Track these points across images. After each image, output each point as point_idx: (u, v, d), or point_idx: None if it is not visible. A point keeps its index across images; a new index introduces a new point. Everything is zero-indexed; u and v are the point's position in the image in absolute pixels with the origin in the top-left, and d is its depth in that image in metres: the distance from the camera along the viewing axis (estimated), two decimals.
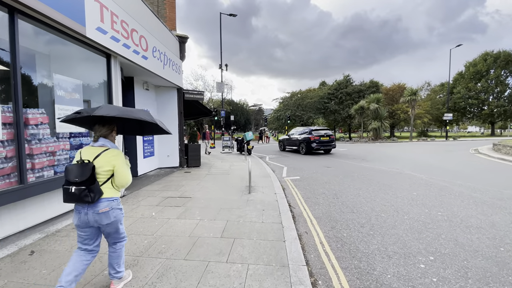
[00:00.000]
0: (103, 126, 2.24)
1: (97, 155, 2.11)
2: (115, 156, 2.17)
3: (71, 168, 2.03)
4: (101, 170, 2.11)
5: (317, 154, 15.00)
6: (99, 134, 2.24)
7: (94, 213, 2.08)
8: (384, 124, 25.19)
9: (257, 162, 11.65)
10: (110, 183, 2.17)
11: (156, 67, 7.40)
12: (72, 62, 4.76)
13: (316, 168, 10.02)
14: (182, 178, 7.98)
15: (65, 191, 2.00)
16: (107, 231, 2.22)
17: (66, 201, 2.02)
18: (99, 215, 2.09)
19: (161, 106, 9.48)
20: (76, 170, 2.01)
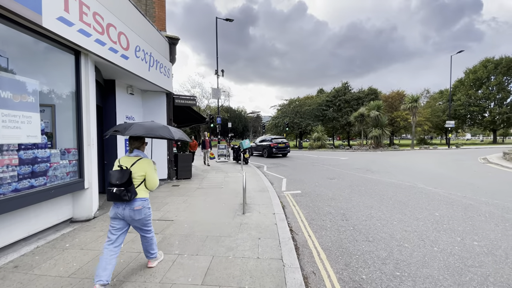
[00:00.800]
0: (135, 141, 2.82)
1: (133, 163, 2.67)
2: (147, 164, 2.75)
3: (113, 173, 2.56)
4: (136, 175, 2.65)
5: (318, 164, 14.16)
6: (133, 147, 2.82)
7: (130, 210, 2.61)
8: (385, 132, 24.49)
9: (254, 173, 10.77)
10: (143, 186, 2.74)
11: (140, 69, 6.59)
12: (26, 57, 3.92)
13: (319, 180, 9.15)
14: (168, 193, 7.06)
15: (108, 192, 2.52)
16: (137, 225, 2.74)
17: (109, 200, 2.54)
18: (133, 211, 2.63)
19: (148, 112, 8.63)
20: (117, 174, 2.54)
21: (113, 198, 2.51)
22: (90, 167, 4.95)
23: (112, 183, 2.53)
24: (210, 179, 9.38)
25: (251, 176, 9.88)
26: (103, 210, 5.42)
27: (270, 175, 10.61)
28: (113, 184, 2.51)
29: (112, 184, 2.52)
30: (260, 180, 9.12)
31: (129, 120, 7.74)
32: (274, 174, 10.89)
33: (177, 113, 10.90)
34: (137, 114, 8.24)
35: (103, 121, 6.83)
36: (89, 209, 4.94)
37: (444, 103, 45.29)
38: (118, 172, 2.55)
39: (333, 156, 19.39)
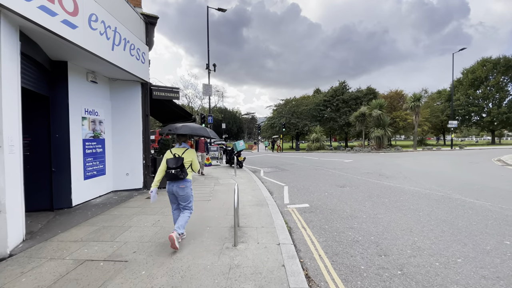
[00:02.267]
0: (183, 137, 3.81)
1: (183, 152, 3.63)
2: (192, 153, 3.72)
3: (170, 160, 3.52)
4: (185, 161, 3.59)
5: (321, 168, 12.65)
6: (181, 141, 3.79)
7: (177, 187, 3.58)
8: (387, 132, 23.20)
9: (250, 179, 9.17)
10: (190, 168, 3.69)
11: (97, 45, 4.95)
12: None
13: (327, 188, 7.61)
14: (138, 209, 5.41)
15: (167, 174, 3.51)
16: (181, 200, 3.70)
17: (169, 179, 3.54)
18: (179, 188, 3.58)
19: (118, 106, 6.96)
20: (173, 161, 3.52)
21: (172, 177, 3.50)
22: (3, 181, 3.28)
23: (169, 167, 3.50)
24: (195, 188, 7.74)
25: (246, 184, 8.28)
26: (32, 241, 3.74)
27: (268, 182, 9.02)
28: (171, 167, 3.48)
29: (170, 167, 3.49)
30: (257, 188, 7.52)
31: (90, 115, 6.07)
32: (273, 180, 9.31)
33: (157, 108, 9.24)
34: (103, 108, 6.57)
35: (50, 115, 5.16)
36: (1, 244, 3.27)
37: (443, 103, 44.50)
38: (173, 159, 3.53)
39: (335, 158, 17.92)
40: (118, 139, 6.96)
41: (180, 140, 3.77)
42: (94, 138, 6.23)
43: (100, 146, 6.43)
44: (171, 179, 3.50)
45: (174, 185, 3.55)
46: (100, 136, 6.44)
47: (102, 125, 6.53)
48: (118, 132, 6.97)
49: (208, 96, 16.28)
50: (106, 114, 6.69)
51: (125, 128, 7.04)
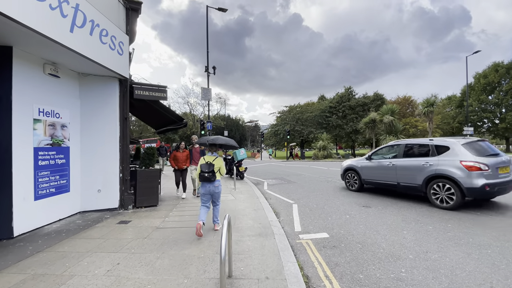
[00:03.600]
0: (214, 146, 4.61)
1: (214, 159, 4.39)
2: (220, 160, 4.48)
3: (203, 165, 4.28)
4: (215, 167, 4.31)
5: (333, 180, 11.18)
6: (213, 150, 4.59)
7: (213, 186, 4.32)
8: (400, 139, 21.59)
9: (252, 194, 7.75)
10: (219, 173, 4.39)
11: (44, 22, 3.70)
12: None
13: (347, 207, 6.15)
14: (98, 242, 4.02)
15: (201, 176, 4.25)
16: (214, 197, 4.44)
17: (202, 181, 4.29)
18: (214, 187, 4.33)
19: (90, 107, 5.69)
20: (206, 166, 4.26)
21: (205, 180, 4.25)
22: None
23: (203, 171, 4.24)
24: (184, 207, 6.35)
25: (246, 201, 6.86)
26: None
27: (273, 198, 7.59)
28: (204, 171, 4.23)
29: (203, 171, 4.23)
30: (260, 207, 6.10)
31: (47, 117, 4.79)
32: (279, 196, 7.86)
33: (145, 110, 7.97)
34: (68, 109, 5.29)
35: None
36: None
37: (453, 109, 42.86)
38: (206, 165, 4.28)
39: None
40: (88, 147, 5.65)
41: (212, 149, 4.63)
42: (53, 146, 4.92)
43: (61, 156, 5.11)
44: (204, 180, 4.28)
45: (210, 185, 4.33)
46: (62, 144, 5.13)
47: (66, 129, 5.23)
48: (88, 139, 5.67)
49: (207, 100, 15.05)
50: (72, 116, 5.40)
51: (98, 134, 5.74)
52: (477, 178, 5.39)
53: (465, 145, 5.88)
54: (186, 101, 44.57)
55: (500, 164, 5.68)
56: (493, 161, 5.60)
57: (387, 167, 7.12)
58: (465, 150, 5.77)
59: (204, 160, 4.42)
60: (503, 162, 5.77)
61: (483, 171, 5.40)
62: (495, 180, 5.41)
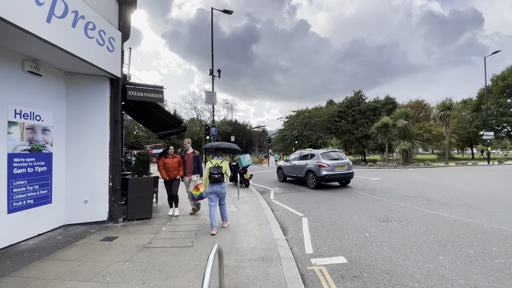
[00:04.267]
0: (220, 150, 5.57)
1: (221, 162, 4.84)
2: (226, 163, 4.96)
3: (212, 168, 4.72)
4: (223, 169, 4.77)
5: (346, 188, 10.35)
6: (219, 154, 5.30)
7: (220, 187, 4.76)
8: (415, 144, 20.49)
9: (256, 205, 7.04)
10: (225, 174, 4.83)
11: (13, 8, 3.18)
12: None
13: (364, 222, 5.36)
14: (73, 265, 3.39)
15: (211, 178, 4.67)
16: (221, 197, 4.88)
17: (212, 182, 4.69)
18: (222, 187, 4.78)
19: (77, 109, 5.17)
20: (215, 169, 4.72)
21: (215, 180, 4.67)
22: None
23: (212, 173, 4.67)
24: (180, 220, 5.70)
25: (250, 213, 6.15)
26: None
27: (280, 209, 6.85)
28: (214, 173, 4.67)
29: (213, 173, 4.67)
30: (265, 222, 5.38)
31: (26, 119, 4.28)
32: (287, 207, 7.12)
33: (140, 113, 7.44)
34: (52, 111, 4.77)
35: None
36: None
37: (469, 113, 41.01)
38: (215, 167, 4.73)
39: (358, 175, 15.44)
40: (74, 153, 5.11)
41: (218, 153, 5.35)
42: (32, 153, 4.38)
43: (42, 164, 4.57)
44: (214, 182, 4.69)
45: (218, 186, 4.74)
46: (43, 149, 4.59)
47: (48, 134, 4.71)
48: (75, 144, 5.13)
49: (211, 104, 14.54)
50: (57, 119, 4.89)
51: (86, 139, 5.20)
52: (322, 171, 9.73)
53: (322, 154, 10.34)
54: (193, 107, 44.56)
55: (337, 164, 10.02)
56: (332, 162, 9.98)
57: (292, 166, 11.83)
58: (321, 157, 10.14)
59: (212, 163, 4.85)
60: (340, 163, 10.10)
61: (325, 167, 9.76)
62: (332, 172, 9.74)
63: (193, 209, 6.25)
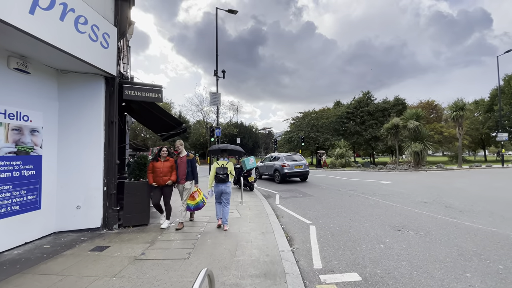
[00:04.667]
0: (225, 152, 5.78)
1: (226, 163, 5.11)
2: (231, 164, 5.21)
3: (218, 168, 4.98)
4: (228, 170, 5.02)
5: (356, 193, 9.84)
6: (225, 155, 5.57)
7: (225, 186, 5.02)
8: (427, 146, 19.69)
9: (261, 210, 6.63)
10: (230, 174, 5.05)
11: None
12: None
13: (378, 231, 4.88)
14: (57, 279, 3.06)
15: (217, 178, 4.95)
16: (224, 196, 5.08)
17: (217, 182, 4.98)
18: (225, 187, 5.02)
19: (69, 109, 4.89)
20: (221, 169, 4.97)
21: (220, 181, 4.95)
22: None
23: (218, 173, 4.94)
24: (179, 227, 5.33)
25: (254, 220, 5.75)
26: None
27: (286, 216, 6.43)
28: (219, 173, 4.94)
29: (219, 173, 4.94)
30: (269, 230, 4.97)
31: (11, 119, 4.01)
32: (293, 213, 6.68)
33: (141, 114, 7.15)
34: (42, 111, 4.51)
35: None
36: None
37: (481, 114, 39.67)
38: (220, 168, 4.98)
39: (368, 178, 14.85)
40: (66, 155, 4.82)
41: (224, 154, 5.65)
42: (18, 155, 4.10)
43: (30, 167, 4.29)
44: (219, 181, 5.00)
45: (223, 185, 5.04)
46: (31, 152, 4.31)
47: (38, 135, 4.43)
48: (67, 146, 4.84)
49: (216, 105, 14.25)
50: (47, 119, 4.62)
51: (79, 140, 4.91)
52: (284, 169, 12.51)
53: (285, 156, 13.38)
54: (199, 109, 44.58)
55: (296, 164, 12.90)
56: (292, 163, 12.85)
57: (265, 166, 14.72)
58: (284, 159, 13.10)
59: (218, 164, 5.12)
60: (298, 164, 12.98)
61: (286, 167, 12.57)
62: (292, 171, 12.52)
63: (181, 223, 5.16)
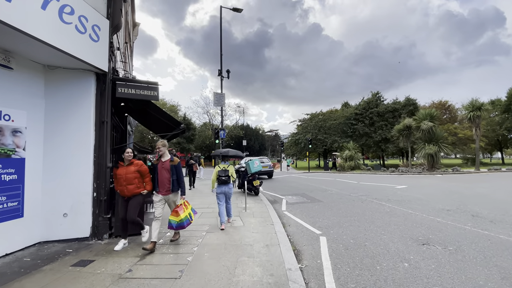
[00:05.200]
0: (227, 157, 6.16)
1: (227, 166, 5.51)
2: (232, 167, 5.61)
3: (221, 171, 5.38)
4: (230, 172, 5.43)
5: (369, 199, 9.19)
6: (226, 160, 5.99)
7: (227, 188, 5.46)
8: (442, 148, 18.72)
9: (265, 218, 6.10)
10: (232, 177, 5.50)
11: None
12: None
13: (399, 245, 4.28)
14: None
15: (219, 180, 5.35)
16: (228, 196, 5.58)
17: (220, 184, 5.39)
18: (228, 188, 5.47)
19: (57, 108, 4.51)
20: (223, 172, 5.37)
21: (223, 182, 5.38)
22: None
23: (220, 175, 5.35)
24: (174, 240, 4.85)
25: (258, 229, 5.23)
26: None
27: (293, 224, 5.88)
28: (222, 176, 5.35)
29: (221, 176, 5.35)
30: (274, 242, 4.43)
31: None
32: (301, 221, 6.12)
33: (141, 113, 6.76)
34: (26, 110, 4.13)
35: None
36: None
37: (498, 114, 38.00)
38: (223, 171, 5.40)
39: (380, 182, 14.10)
40: (53, 158, 4.43)
41: (226, 159, 6.07)
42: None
43: (11, 171, 3.90)
44: (222, 183, 5.41)
45: (226, 187, 5.47)
46: (12, 154, 3.93)
47: (20, 136, 4.05)
48: (53, 148, 4.45)
49: (220, 106, 13.83)
50: (32, 119, 4.24)
51: (67, 142, 4.52)
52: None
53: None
54: (205, 111, 44.48)
55: (263, 165, 16.12)
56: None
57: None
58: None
59: (220, 167, 5.52)
60: (265, 165, 16.82)
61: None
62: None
63: (176, 233, 4.56)
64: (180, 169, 4.44)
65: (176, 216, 4.17)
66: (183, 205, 4.32)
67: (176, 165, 4.38)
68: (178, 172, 4.38)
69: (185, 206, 4.36)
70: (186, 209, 4.34)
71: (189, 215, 4.35)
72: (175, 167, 4.35)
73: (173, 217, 4.19)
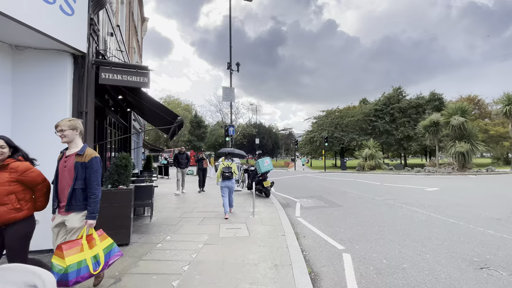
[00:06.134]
0: (229, 155, 7.63)
1: (230, 163, 6.25)
2: (235, 165, 6.43)
3: (224, 168, 6.10)
4: (232, 169, 6.16)
5: (398, 203, 8.02)
6: (229, 157, 7.14)
7: (230, 183, 6.15)
8: (476, 146, 16.88)
9: (275, 227, 5.18)
10: (234, 173, 6.20)
11: None
12: None
13: (452, 272, 3.22)
14: None
15: (223, 175, 6.06)
16: (231, 190, 6.22)
17: (224, 179, 6.07)
18: (231, 183, 6.18)
19: (27, 97, 3.84)
20: (226, 169, 6.09)
21: (226, 178, 6.03)
22: None
23: (224, 172, 6.01)
24: (166, 249, 4.06)
25: (265, 239, 4.33)
26: None
27: (308, 235, 4.92)
28: (225, 172, 6.02)
29: (225, 172, 6.01)
30: (285, 261, 3.51)
31: None
32: (318, 232, 5.14)
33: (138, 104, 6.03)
34: None
35: None
36: None
37: None
38: (226, 168, 6.05)
39: (406, 183, 12.71)
40: None
41: (228, 156, 6.93)
42: None
43: None
44: (225, 178, 6.07)
45: (229, 182, 6.11)
46: None
47: None
48: (22, 143, 3.77)
49: (229, 101, 13.03)
50: (2, 109, 3.58)
51: (38, 136, 3.83)
52: None
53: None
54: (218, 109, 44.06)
55: None
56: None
57: None
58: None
59: (224, 164, 6.16)
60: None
61: None
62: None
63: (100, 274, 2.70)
64: (95, 170, 2.46)
65: (60, 260, 2.14)
66: (83, 238, 2.30)
67: (86, 162, 2.43)
68: (89, 175, 2.43)
69: (88, 240, 2.33)
70: (89, 249, 2.28)
71: (92, 260, 2.28)
72: (84, 166, 2.42)
73: (56, 259, 2.16)
